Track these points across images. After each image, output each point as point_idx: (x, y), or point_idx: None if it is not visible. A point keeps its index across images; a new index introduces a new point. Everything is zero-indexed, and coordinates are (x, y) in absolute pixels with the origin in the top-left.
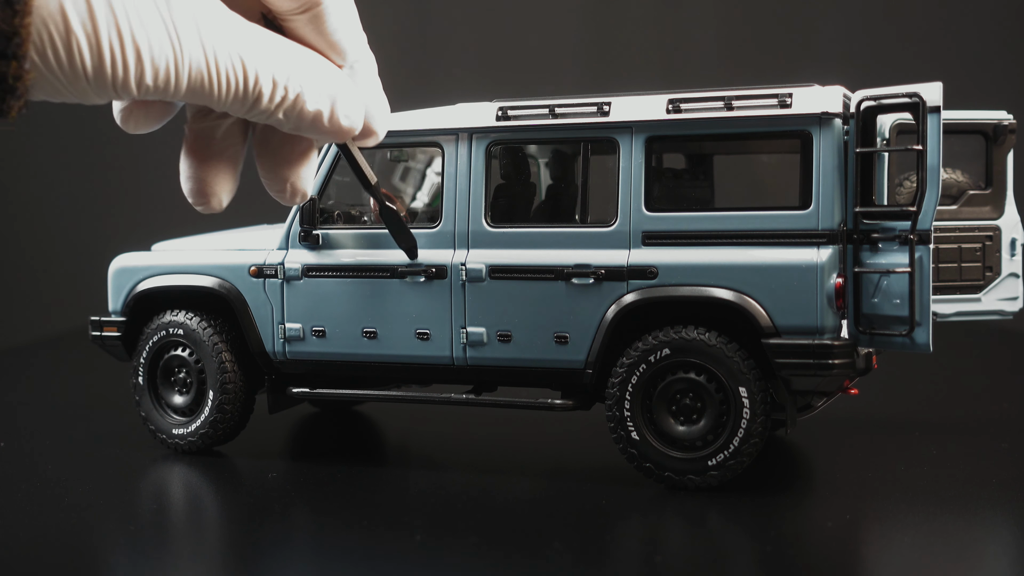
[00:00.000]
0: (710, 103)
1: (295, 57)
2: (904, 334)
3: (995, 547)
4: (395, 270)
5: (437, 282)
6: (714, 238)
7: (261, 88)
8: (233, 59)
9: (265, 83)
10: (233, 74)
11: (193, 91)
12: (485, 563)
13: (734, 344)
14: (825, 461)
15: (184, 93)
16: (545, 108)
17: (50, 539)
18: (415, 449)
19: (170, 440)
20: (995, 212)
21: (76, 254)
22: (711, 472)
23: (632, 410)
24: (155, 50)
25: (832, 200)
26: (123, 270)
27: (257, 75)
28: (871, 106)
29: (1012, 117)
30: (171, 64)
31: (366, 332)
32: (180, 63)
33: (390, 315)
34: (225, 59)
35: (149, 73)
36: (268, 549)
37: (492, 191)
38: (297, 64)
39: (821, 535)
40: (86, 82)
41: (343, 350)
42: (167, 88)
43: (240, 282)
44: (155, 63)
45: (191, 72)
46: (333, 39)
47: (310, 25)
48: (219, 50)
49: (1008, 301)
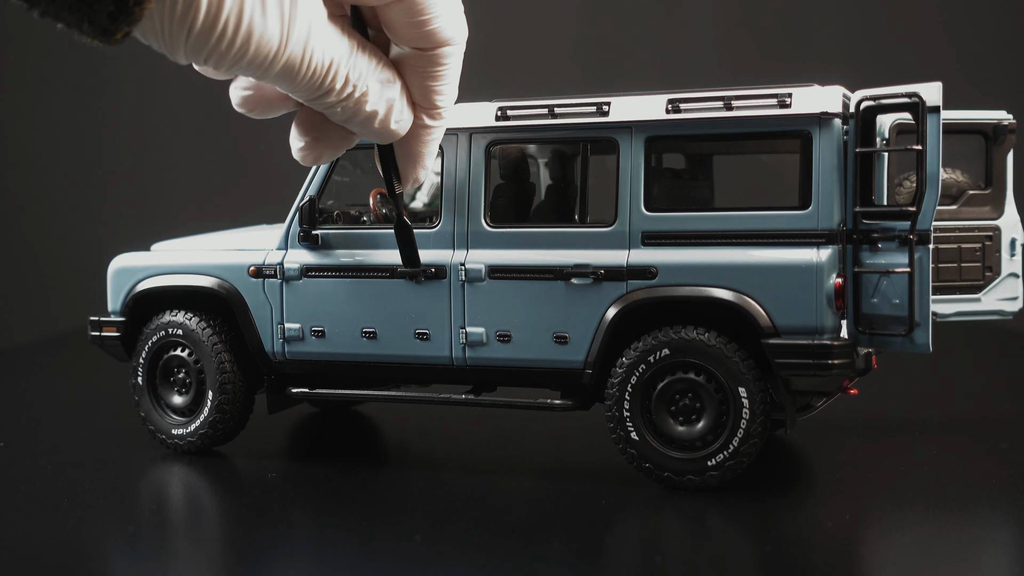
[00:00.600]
0: (710, 103)
1: (367, 58)
2: (904, 334)
3: (995, 547)
4: (394, 270)
5: (436, 282)
6: (714, 238)
7: (335, 84)
8: (325, 57)
9: (339, 80)
10: (320, 69)
11: (278, 78)
12: (485, 563)
13: (733, 344)
14: (825, 461)
15: (269, 79)
16: (545, 108)
17: (50, 539)
18: (415, 449)
19: (170, 440)
20: (995, 212)
21: (76, 254)
22: (710, 472)
23: (631, 410)
24: (266, 34)
25: (832, 200)
26: (123, 270)
27: (336, 72)
28: (871, 106)
29: (1012, 117)
30: (271, 52)
31: (365, 332)
32: (280, 53)
33: (390, 315)
34: (318, 55)
35: (250, 53)
36: (268, 549)
37: (491, 191)
38: (367, 65)
39: (821, 535)
40: (187, 37)
41: (343, 350)
42: (256, 71)
43: (239, 282)
44: (260, 47)
45: (285, 63)
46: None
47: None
48: (316, 47)
49: (1008, 301)
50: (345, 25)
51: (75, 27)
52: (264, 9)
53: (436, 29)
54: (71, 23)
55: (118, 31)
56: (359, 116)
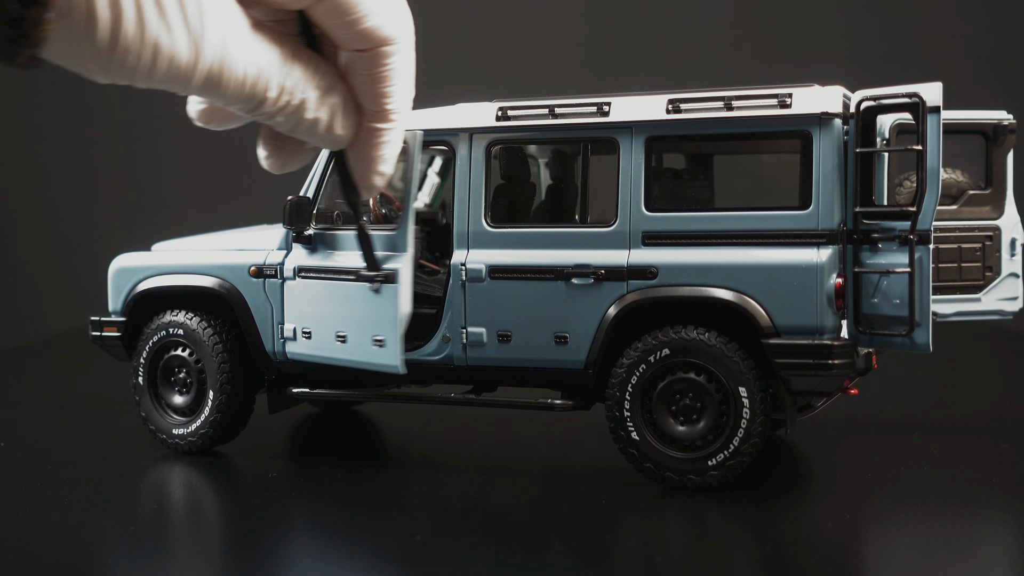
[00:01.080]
0: (710, 103)
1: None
2: (904, 334)
3: (995, 547)
4: (359, 274)
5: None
6: (714, 238)
7: (268, 94)
8: (249, 67)
9: (272, 90)
10: (246, 80)
11: (202, 91)
12: (485, 563)
13: (734, 344)
14: (825, 461)
15: (192, 91)
16: (545, 108)
17: (50, 539)
18: (415, 449)
19: (170, 440)
20: (995, 212)
21: (76, 254)
22: (711, 472)
23: (632, 410)
24: (175, 49)
25: (832, 200)
26: (123, 270)
27: (267, 83)
28: (871, 106)
29: (1012, 117)
30: (182, 67)
31: (338, 336)
32: (195, 67)
33: (354, 319)
34: (240, 67)
35: (161, 68)
36: (268, 549)
37: (492, 191)
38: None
39: (821, 535)
40: (92, 57)
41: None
42: (174, 85)
43: (240, 282)
44: (172, 62)
45: (206, 76)
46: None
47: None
48: (236, 58)
49: (1008, 301)
50: (276, 33)
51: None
52: (168, 25)
53: (370, 28)
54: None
55: (19, 55)
56: (302, 125)
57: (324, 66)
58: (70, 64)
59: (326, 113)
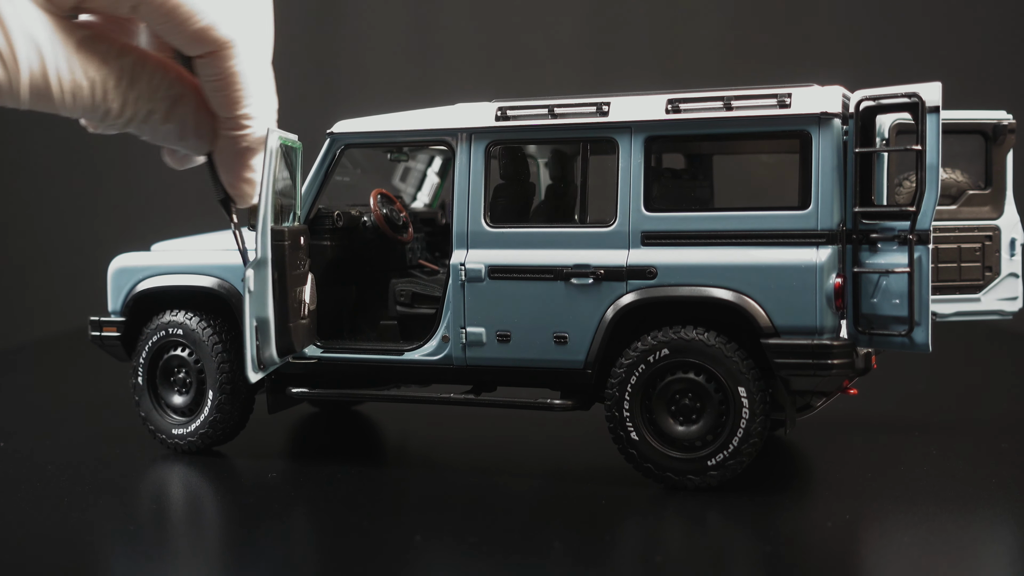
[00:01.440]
0: (709, 103)
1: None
2: (903, 334)
3: (995, 547)
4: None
5: None
6: (713, 238)
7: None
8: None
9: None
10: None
11: (35, 105)
12: (485, 563)
13: (733, 344)
14: (825, 461)
15: (24, 106)
16: (544, 108)
17: (50, 539)
18: (415, 449)
19: (170, 440)
20: (995, 212)
21: (76, 254)
22: (711, 472)
23: (631, 410)
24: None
25: (831, 200)
26: (123, 270)
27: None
28: (870, 106)
29: (1012, 117)
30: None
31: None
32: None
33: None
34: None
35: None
36: (268, 549)
37: (491, 191)
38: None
39: (821, 535)
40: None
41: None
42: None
43: (240, 282)
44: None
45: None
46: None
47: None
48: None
49: (1008, 301)
50: (118, 43)
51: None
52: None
53: (202, 30)
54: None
55: None
56: (157, 134)
57: (174, 75)
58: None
59: (176, 125)
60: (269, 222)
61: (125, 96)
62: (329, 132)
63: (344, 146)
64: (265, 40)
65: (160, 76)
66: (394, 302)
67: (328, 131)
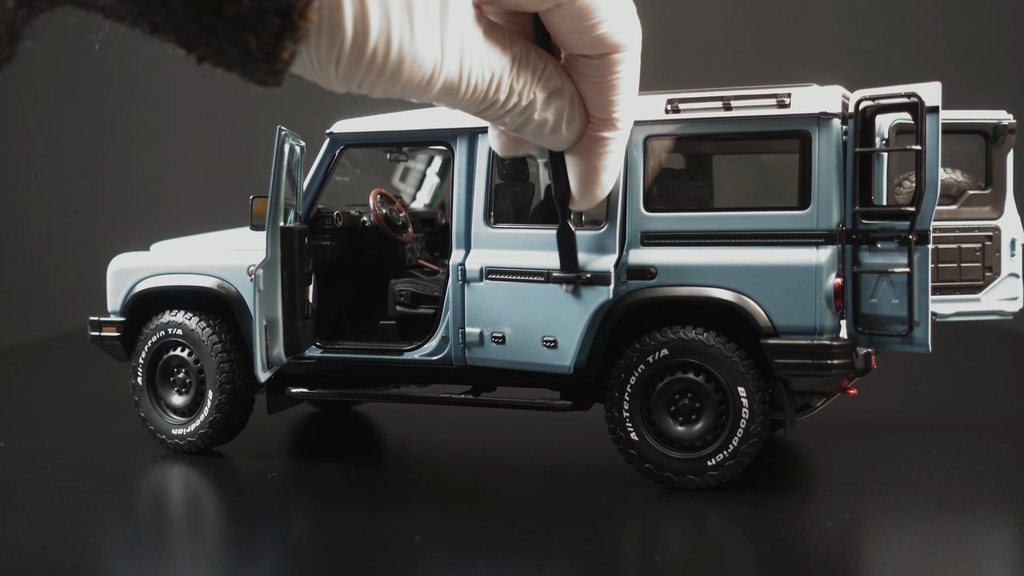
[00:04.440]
0: (709, 103)
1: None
2: (903, 334)
3: (995, 547)
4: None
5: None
6: (713, 238)
7: (499, 96)
8: (485, 71)
9: (502, 92)
10: (480, 85)
11: (438, 98)
12: (485, 563)
13: (733, 344)
14: (825, 461)
15: (429, 98)
16: None
17: (50, 539)
18: (415, 449)
19: (169, 440)
20: (995, 212)
21: (76, 254)
22: (710, 472)
23: (631, 410)
24: (419, 59)
25: (831, 200)
26: (122, 270)
27: (499, 85)
28: (870, 106)
29: (1012, 117)
30: (426, 76)
31: None
32: (437, 76)
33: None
34: (477, 71)
35: (403, 78)
36: (268, 549)
37: (491, 191)
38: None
39: (821, 535)
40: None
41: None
42: (414, 93)
43: (239, 282)
44: (414, 71)
45: (443, 84)
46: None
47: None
48: (473, 63)
49: (1008, 301)
50: (508, 32)
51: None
52: (413, 33)
53: (604, 35)
54: (233, 59)
55: (283, 50)
56: (528, 126)
57: (553, 67)
58: (310, 72)
59: (552, 115)
60: (279, 221)
61: (512, 86)
62: (329, 132)
63: (344, 146)
64: (640, 47)
65: (543, 67)
66: (394, 302)
67: (328, 131)
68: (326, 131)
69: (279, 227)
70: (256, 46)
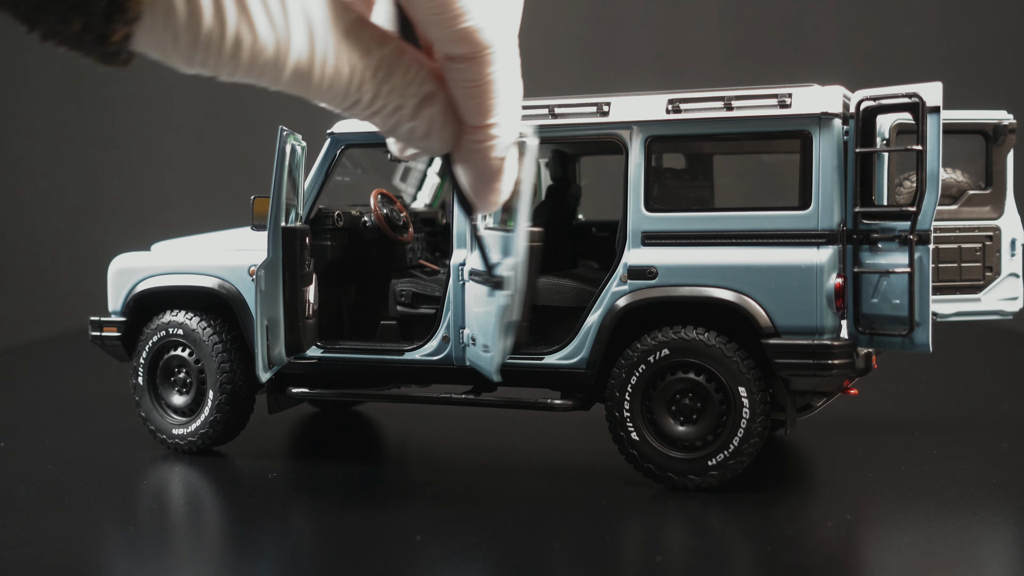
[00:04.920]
0: (710, 103)
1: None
2: (904, 334)
3: (995, 547)
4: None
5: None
6: (714, 238)
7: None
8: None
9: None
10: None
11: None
12: (485, 563)
13: (733, 344)
14: (825, 461)
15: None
16: (545, 108)
17: (50, 539)
18: (415, 449)
19: (170, 440)
20: (995, 212)
21: (76, 254)
22: (711, 472)
23: (632, 410)
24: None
25: (832, 200)
26: (123, 270)
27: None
28: (871, 106)
29: (1012, 117)
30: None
31: None
32: (282, 61)
33: None
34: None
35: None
36: (268, 549)
37: None
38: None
39: (821, 535)
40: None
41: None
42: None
43: (240, 282)
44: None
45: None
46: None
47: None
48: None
49: (1008, 301)
50: (379, 32)
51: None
52: (249, 18)
53: (468, 30)
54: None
55: (113, 32)
56: (399, 130)
57: (427, 71)
58: (152, 52)
59: (423, 124)
60: (280, 221)
61: (378, 89)
62: (329, 132)
63: (345, 146)
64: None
65: (414, 71)
66: (394, 302)
67: (328, 131)
68: (327, 131)
69: (281, 227)
70: (85, 28)
